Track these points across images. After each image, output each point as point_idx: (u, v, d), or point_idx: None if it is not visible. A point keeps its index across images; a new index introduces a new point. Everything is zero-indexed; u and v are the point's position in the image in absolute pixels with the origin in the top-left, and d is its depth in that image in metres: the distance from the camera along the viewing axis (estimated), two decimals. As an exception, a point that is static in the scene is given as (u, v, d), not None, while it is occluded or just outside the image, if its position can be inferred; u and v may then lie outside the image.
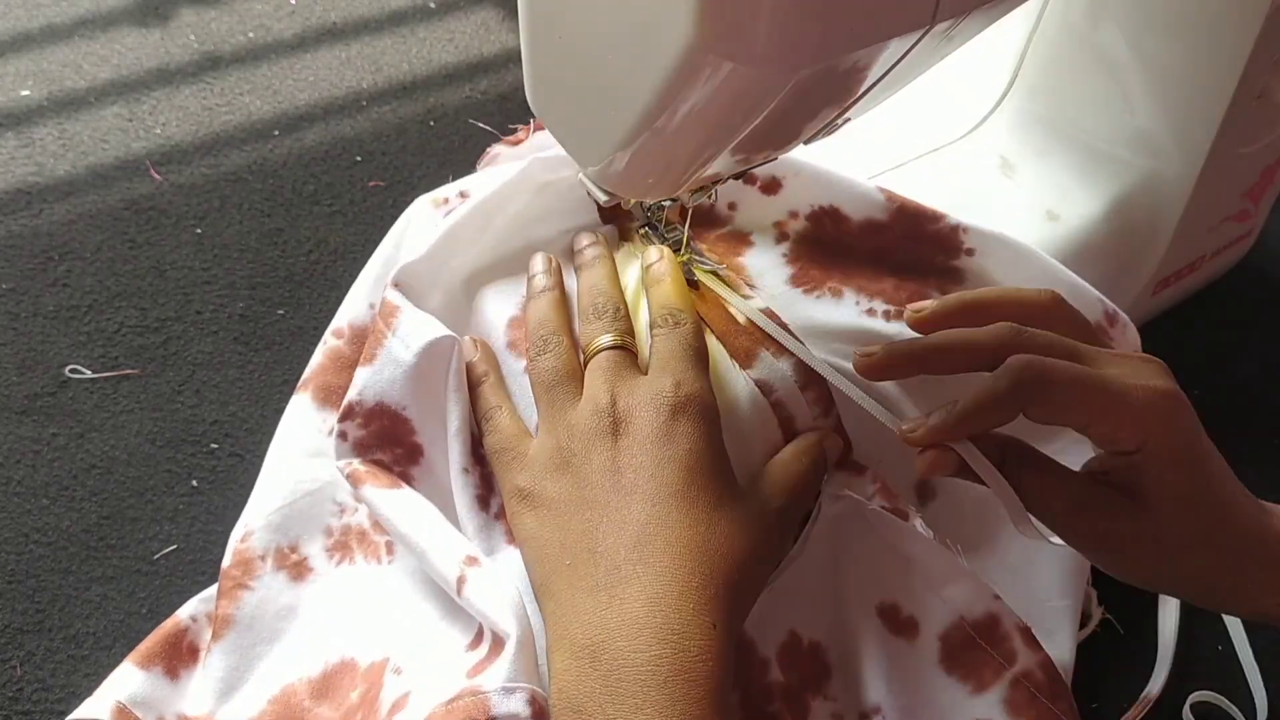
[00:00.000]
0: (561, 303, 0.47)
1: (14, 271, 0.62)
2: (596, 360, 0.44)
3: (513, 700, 0.37)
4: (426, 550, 0.43)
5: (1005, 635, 0.43)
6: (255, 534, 0.46)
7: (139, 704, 0.42)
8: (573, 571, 0.39)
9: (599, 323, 0.45)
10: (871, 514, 0.45)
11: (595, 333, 0.45)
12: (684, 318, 0.45)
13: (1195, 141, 0.56)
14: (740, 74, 0.34)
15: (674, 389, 0.42)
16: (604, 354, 0.44)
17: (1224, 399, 0.58)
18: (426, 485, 0.46)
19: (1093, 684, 0.50)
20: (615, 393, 0.42)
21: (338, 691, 0.43)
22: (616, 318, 0.45)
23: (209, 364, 0.59)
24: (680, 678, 0.35)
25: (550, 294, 0.47)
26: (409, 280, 0.48)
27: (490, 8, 0.84)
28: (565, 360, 0.44)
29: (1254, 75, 0.54)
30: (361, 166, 0.70)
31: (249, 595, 0.45)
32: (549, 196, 0.51)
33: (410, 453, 0.46)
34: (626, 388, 0.42)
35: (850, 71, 0.36)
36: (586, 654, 0.37)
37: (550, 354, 0.44)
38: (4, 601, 0.49)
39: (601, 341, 0.44)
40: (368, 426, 0.46)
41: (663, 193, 0.47)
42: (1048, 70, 0.60)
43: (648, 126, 0.37)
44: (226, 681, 0.43)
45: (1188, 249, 0.62)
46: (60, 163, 0.68)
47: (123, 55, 0.76)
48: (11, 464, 0.54)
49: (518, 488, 0.42)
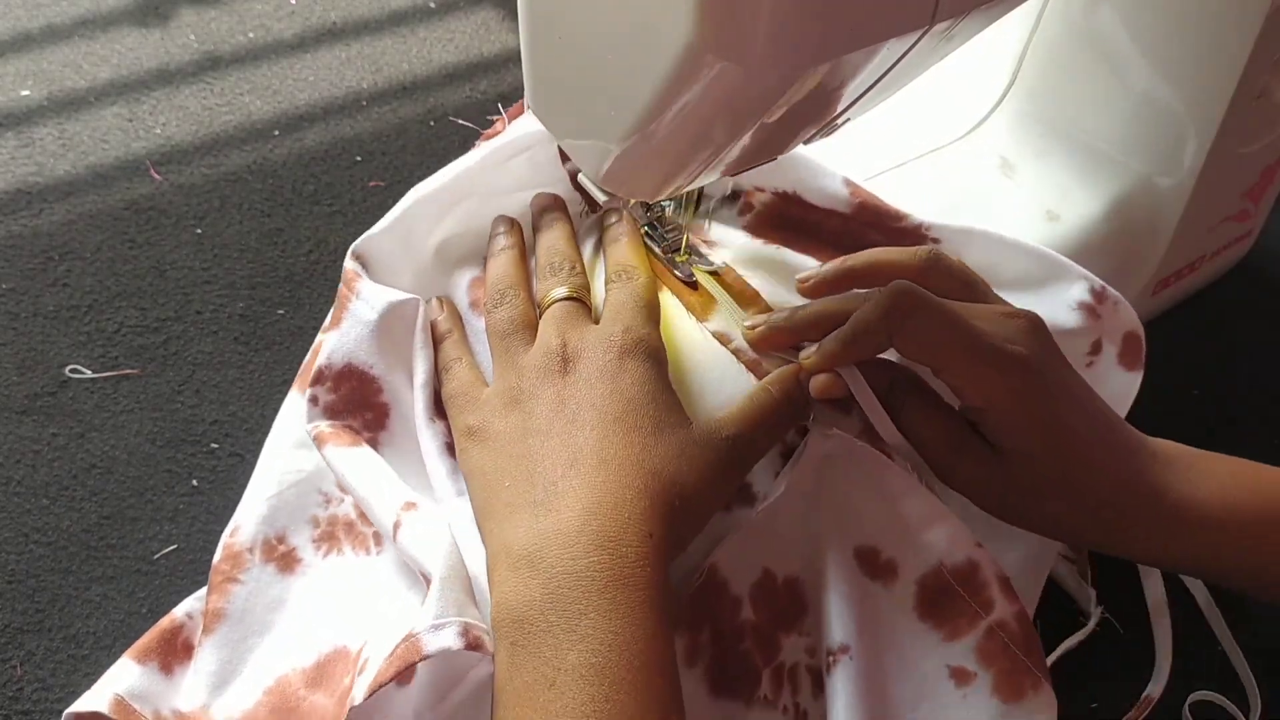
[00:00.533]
0: (520, 260, 0.48)
1: (14, 271, 0.62)
2: (550, 310, 0.45)
3: (443, 635, 0.38)
4: (368, 499, 0.43)
5: (984, 584, 0.43)
6: (242, 528, 0.46)
7: (136, 697, 0.42)
8: (511, 491, 0.40)
9: (554, 278, 0.47)
10: (860, 450, 0.44)
11: (550, 287, 0.46)
12: (637, 273, 0.47)
13: (1195, 141, 0.56)
14: (740, 74, 0.34)
15: (623, 333, 0.43)
16: (557, 304, 0.45)
17: (1224, 399, 0.58)
18: (394, 447, 0.47)
19: (1093, 684, 0.50)
20: (565, 337, 0.43)
21: (331, 679, 0.43)
22: (571, 273, 0.47)
23: (209, 364, 0.59)
24: (619, 583, 0.36)
25: (509, 251, 0.49)
26: (369, 251, 0.49)
27: (490, 8, 0.84)
28: (521, 311, 0.46)
29: (1254, 75, 0.54)
30: (361, 166, 0.70)
31: (239, 589, 0.45)
32: (520, 168, 0.52)
33: (378, 416, 0.47)
34: (577, 333, 0.44)
35: (850, 72, 0.36)
36: (525, 564, 0.37)
37: (506, 305, 0.46)
38: (4, 601, 0.49)
39: (556, 294, 0.45)
40: (337, 390, 0.46)
41: (662, 192, 0.47)
42: (1048, 70, 0.60)
43: (647, 127, 0.37)
44: (219, 675, 0.43)
45: (1188, 249, 0.62)
46: (60, 163, 0.68)
47: (123, 55, 0.76)
48: (11, 464, 0.54)
49: (467, 426, 0.43)
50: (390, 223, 0.50)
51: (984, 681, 0.42)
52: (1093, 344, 0.51)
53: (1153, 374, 0.49)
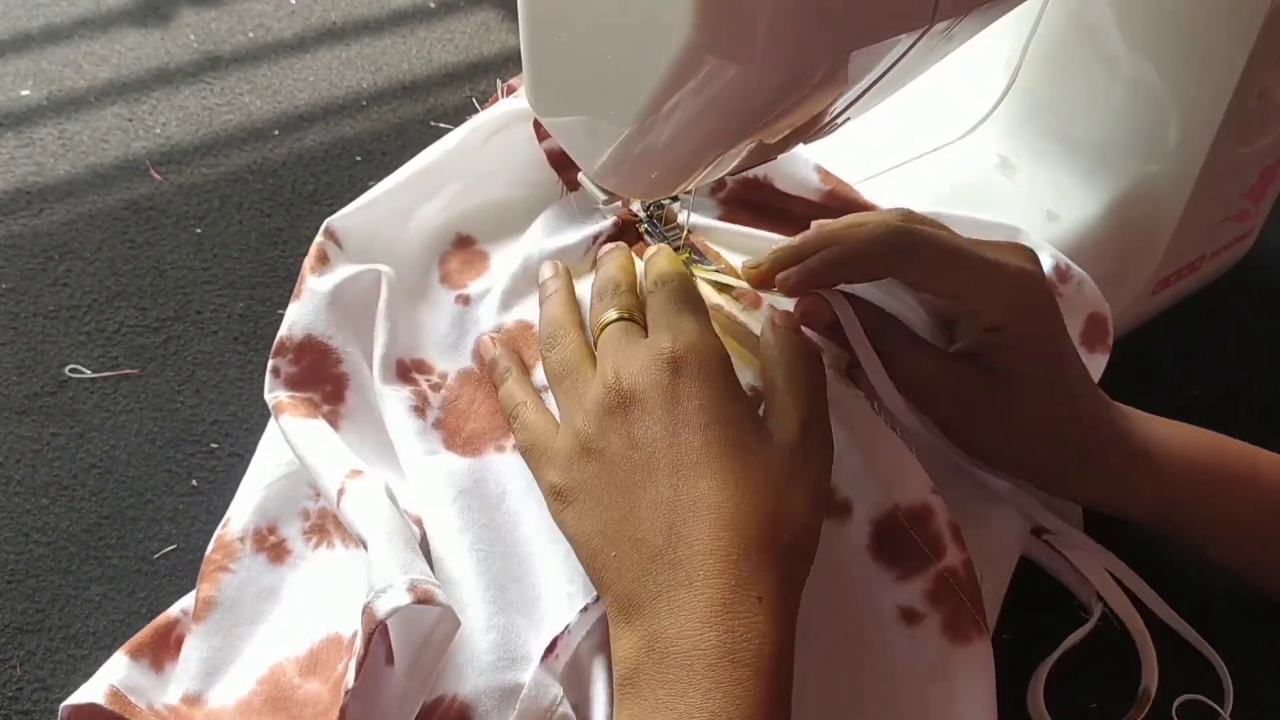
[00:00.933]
0: (570, 301, 0.47)
1: (14, 271, 0.62)
2: (604, 336, 0.44)
3: (390, 596, 0.38)
4: (317, 468, 0.43)
5: (937, 530, 0.43)
6: (234, 519, 0.46)
7: (131, 690, 0.42)
8: (620, 563, 0.38)
9: (602, 302, 0.45)
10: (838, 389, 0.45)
11: (600, 310, 0.45)
12: (671, 277, 0.45)
13: (1195, 141, 0.56)
14: (740, 74, 0.34)
15: (670, 343, 0.41)
16: (610, 328, 0.44)
17: (1224, 399, 0.58)
18: (351, 418, 0.47)
19: (1093, 684, 0.50)
20: (619, 366, 0.41)
21: (325, 666, 0.43)
22: (619, 293, 0.45)
23: (209, 364, 0.59)
24: (725, 660, 0.35)
25: (559, 294, 0.47)
26: (344, 229, 0.50)
27: (490, 8, 0.84)
28: (574, 350, 0.44)
29: (1254, 75, 0.54)
30: (361, 166, 0.70)
31: (229, 578, 0.45)
32: (498, 148, 0.52)
33: (337, 388, 0.47)
34: (628, 356, 0.41)
35: (849, 71, 0.36)
36: (643, 643, 0.37)
37: (559, 347, 0.44)
38: (4, 601, 0.49)
39: (606, 317, 0.44)
40: (298, 362, 0.47)
41: (662, 192, 0.47)
42: (1047, 70, 0.60)
43: (648, 127, 0.37)
44: (210, 662, 0.43)
45: (1188, 249, 0.62)
46: (60, 163, 0.68)
47: (123, 55, 0.76)
48: (11, 464, 0.54)
49: (551, 485, 0.42)
50: (368, 202, 0.51)
51: (933, 623, 0.43)
52: None
53: (1153, 374, 0.49)
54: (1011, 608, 0.48)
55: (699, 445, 0.39)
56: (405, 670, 0.40)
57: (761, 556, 0.37)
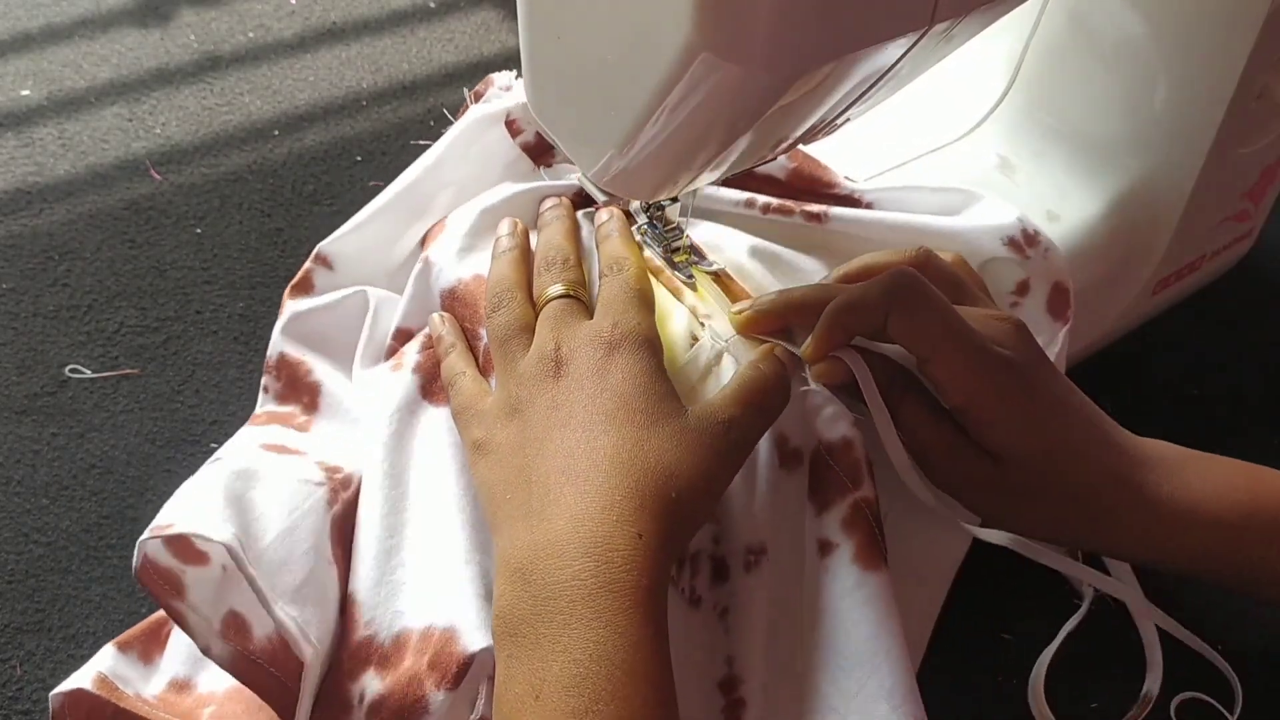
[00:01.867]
0: (520, 261, 0.48)
1: (14, 271, 0.62)
2: (546, 309, 0.45)
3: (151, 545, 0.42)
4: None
5: (856, 460, 0.44)
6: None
7: (118, 678, 0.43)
8: (510, 502, 0.40)
9: (549, 274, 0.46)
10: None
11: (546, 283, 0.46)
12: (627, 264, 0.46)
13: (1195, 141, 0.56)
14: (739, 75, 0.34)
15: (611, 328, 0.43)
16: (553, 303, 0.45)
17: (1224, 399, 0.58)
18: (327, 418, 0.49)
19: (1093, 684, 0.50)
20: (559, 338, 0.43)
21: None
22: (566, 268, 0.46)
23: (209, 364, 0.59)
24: (604, 590, 0.36)
25: (510, 253, 0.48)
26: (335, 253, 0.51)
27: (490, 8, 0.84)
28: (518, 314, 0.45)
29: (1254, 75, 0.54)
30: (361, 166, 0.70)
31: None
32: (478, 154, 0.53)
33: (312, 396, 0.49)
34: (570, 332, 0.43)
35: (850, 72, 0.36)
36: (519, 577, 0.37)
37: (504, 309, 0.46)
38: (4, 601, 0.49)
39: (551, 291, 0.45)
40: (279, 379, 0.49)
41: (662, 193, 0.47)
42: (1047, 70, 0.60)
43: (646, 127, 0.37)
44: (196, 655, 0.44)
45: (1188, 249, 0.62)
46: (60, 163, 0.68)
47: (123, 55, 0.76)
48: (11, 464, 0.54)
49: (474, 440, 0.43)
50: (358, 224, 0.51)
51: (845, 550, 0.43)
52: (1019, 283, 0.52)
53: (1153, 374, 0.49)
54: (1011, 607, 0.48)
55: (612, 408, 0.40)
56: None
57: (646, 501, 0.38)
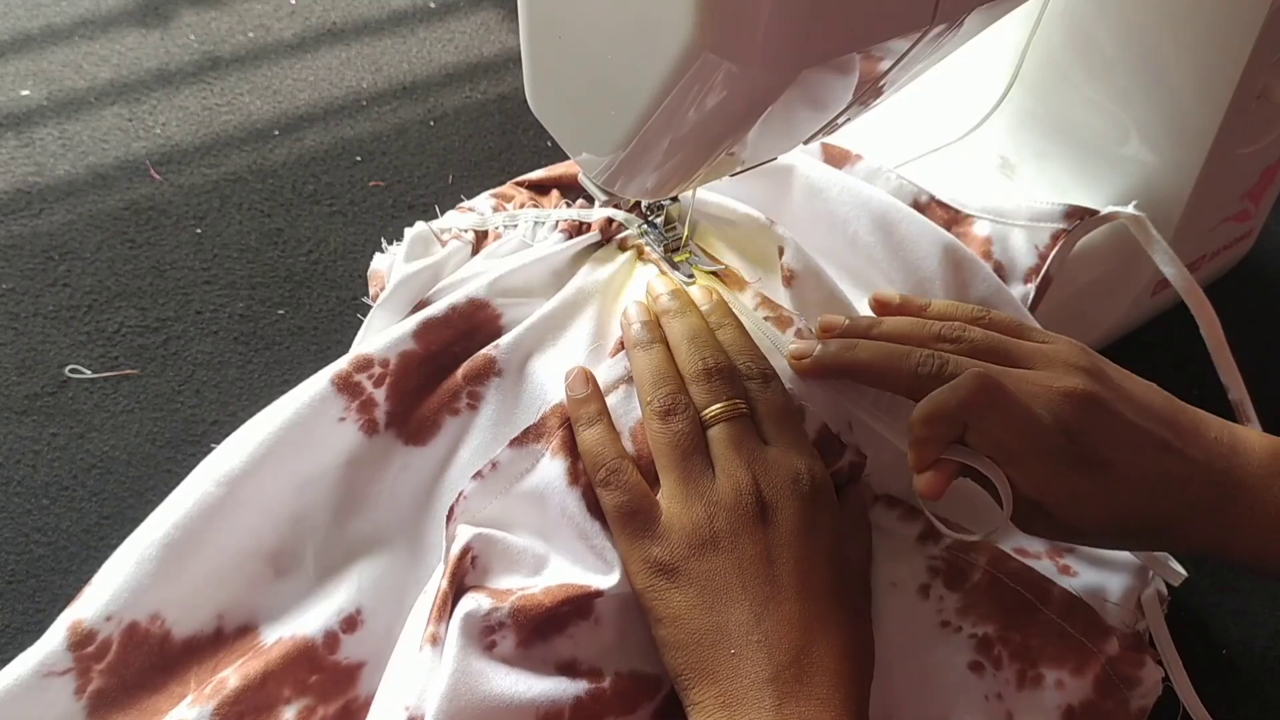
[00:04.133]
0: (670, 358, 0.46)
1: (14, 271, 0.62)
2: (723, 430, 0.44)
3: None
4: None
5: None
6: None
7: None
8: (739, 661, 0.40)
9: (710, 384, 0.45)
10: None
11: (711, 397, 0.44)
12: (769, 370, 0.46)
13: (1195, 141, 0.56)
14: (740, 74, 0.34)
15: (809, 475, 0.43)
16: (730, 425, 0.44)
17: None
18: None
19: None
20: (755, 473, 0.43)
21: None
22: (732, 382, 0.45)
23: (209, 364, 0.59)
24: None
25: (659, 347, 0.46)
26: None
27: (490, 8, 0.84)
28: (692, 424, 0.44)
29: (1254, 75, 0.54)
30: (361, 166, 0.70)
31: None
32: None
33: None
34: (763, 468, 0.43)
35: (850, 72, 0.36)
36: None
37: (679, 418, 0.44)
38: (4, 601, 0.49)
39: (718, 409, 0.44)
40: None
41: (662, 193, 0.47)
42: (1048, 70, 0.60)
43: (647, 126, 0.37)
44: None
45: (1188, 249, 0.62)
46: (60, 163, 0.68)
47: (123, 55, 0.76)
48: (11, 464, 0.54)
49: (655, 560, 0.42)
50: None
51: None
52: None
53: (1153, 374, 0.49)
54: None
55: (828, 580, 0.42)
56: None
57: (865, 683, 0.41)
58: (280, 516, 0.45)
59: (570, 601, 0.41)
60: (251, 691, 0.41)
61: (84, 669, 0.42)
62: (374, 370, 0.47)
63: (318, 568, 0.45)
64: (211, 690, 0.41)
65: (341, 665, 0.43)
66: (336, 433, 0.46)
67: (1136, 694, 0.45)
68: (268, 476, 0.45)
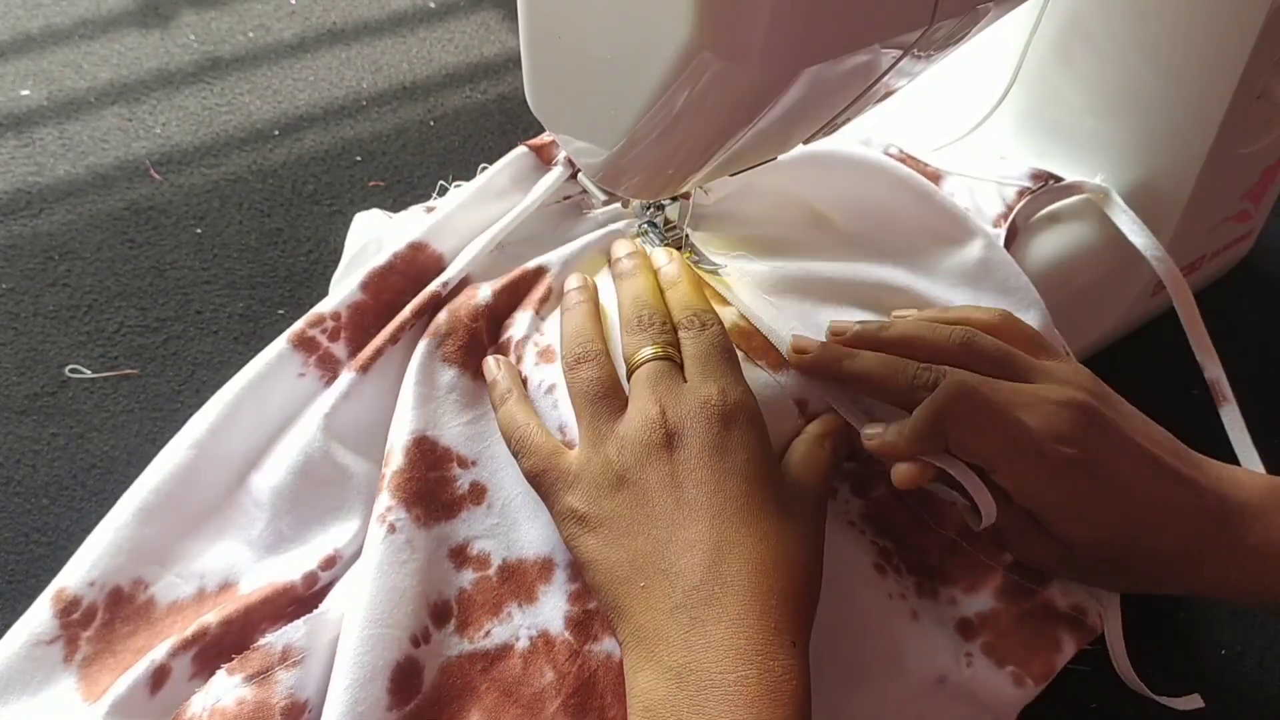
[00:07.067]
0: (596, 316, 0.47)
1: (14, 271, 0.62)
2: (642, 371, 0.44)
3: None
4: None
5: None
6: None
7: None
8: (648, 593, 0.39)
9: (642, 334, 0.45)
10: None
11: (639, 344, 0.44)
12: (709, 318, 0.45)
13: (1195, 141, 0.56)
14: (739, 74, 0.34)
15: (721, 396, 0.42)
16: (649, 365, 0.43)
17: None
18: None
19: (1094, 684, 0.50)
20: (663, 404, 0.42)
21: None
22: (662, 329, 0.45)
23: (209, 364, 0.59)
24: (766, 698, 0.36)
25: (585, 306, 0.47)
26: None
27: (490, 8, 0.84)
28: (605, 371, 0.44)
29: (1254, 75, 0.54)
30: (361, 166, 0.70)
31: None
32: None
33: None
34: (673, 398, 0.42)
35: (849, 71, 0.36)
36: (673, 675, 0.37)
37: (590, 365, 0.44)
38: (4, 601, 0.49)
39: (645, 353, 0.44)
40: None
41: (662, 192, 0.47)
42: (1048, 70, 0.60)
43: (647, 126, 0.37)
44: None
45: (1188, 249, 0.62)
46: (60, 163, 0.68)
47: (123, 55, 0.76)
48: (11, 464, 0.54)
49: (571, 509, 0.42)
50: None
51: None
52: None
53: (1153, 374, 0.49)
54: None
55: (741, 495, 0.40)
56: None
57: (793, 604, 0.39)
58: (255, 476, 0.47)
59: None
60: (234, 629, 0.42)
61: (72, 636, 0.43)
62: (326, 324, 0.49)
63: (292, 519, 0.46)
64: (194, 634, 0.42)
65: (318, 591, 0.45)
66: (298, 388, 0.48)
67: (1055, 591, 0.46)
68: (235, 437, 0.47)
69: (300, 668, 0.41)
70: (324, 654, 0.41)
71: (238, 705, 0.40)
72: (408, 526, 0.43)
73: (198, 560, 0.45)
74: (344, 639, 0.41)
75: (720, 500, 0.40)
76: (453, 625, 0.43)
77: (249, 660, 0.41)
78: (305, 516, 0.46)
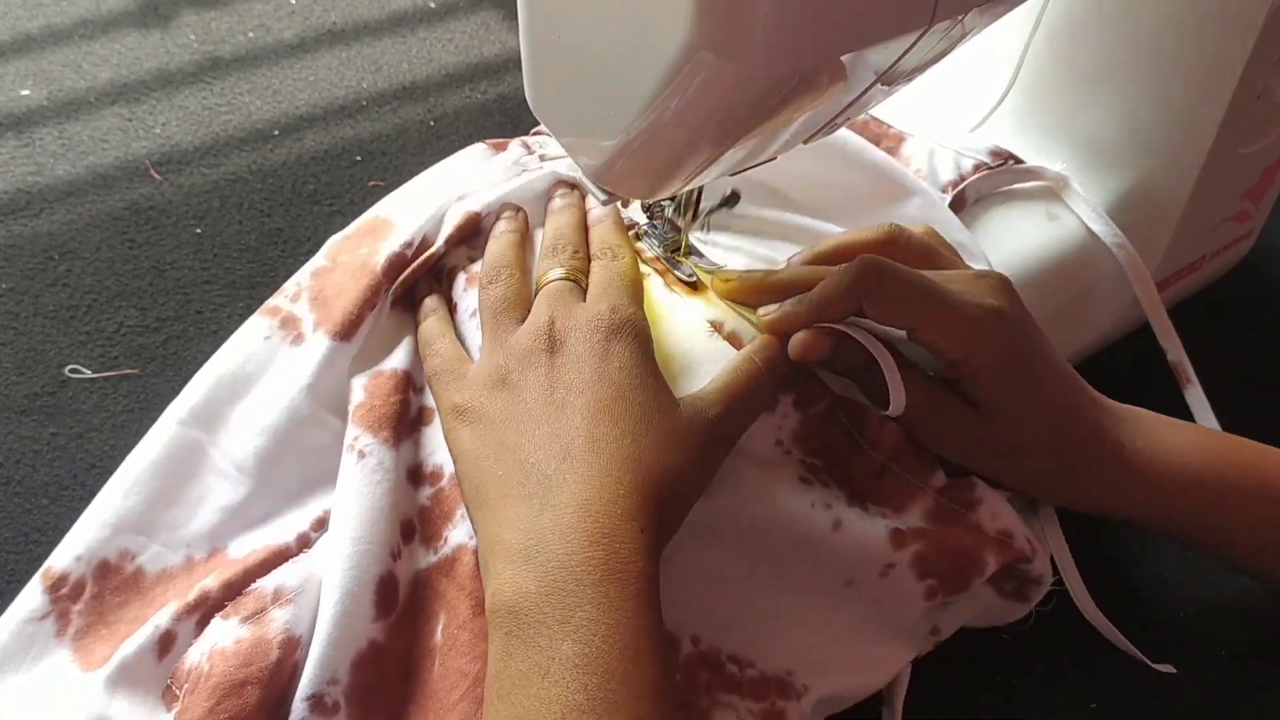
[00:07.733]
0: (519, 244, 0.50)
1: (14, 271, 0.62)
2: (544, 289, 0.46)
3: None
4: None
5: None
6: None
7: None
8: (504, 481, 0.41)
9: (553, 259, 0.48)
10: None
11: (548, 267, 0.47)
12: (621, 252, 0.48)
13: (1195, 141, 0.56)
14: (738, 74, 0.34)
15: (609, 313, 0.44)
16: (552, 284, 0.46)
17: (1224, 399, 0.58)
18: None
19: (1094, 684, 0.50)
20: (554, 315, 0.44)
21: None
22: (572, 255, 0.48)
23: (209, 364, 0.59)
24: (613, 578, 0.37)
25: (509, 235, 0.50)
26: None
27: (490, 8, 0.84)
28: (513, 289, 0.47)
29: (1254, 75, 0.54)
30: (361, 166, 0.70)
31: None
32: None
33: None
34: (565, 311, 0.44)
35: (848, 72, 0.36)
36: (520, 557, 0.38)
37: (500, 283, 0.47)
38: (4, 602, 0.49)
39: (552, 274, 0.47)
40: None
41: (662, 192, 0.47)
42: (1048, 70, 0.60)
43: (646, 126, 0.37)
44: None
45: (1188, 249, 0.62)
46: (60, 163, 0.68)
47: (123, 55, 0.76)
48: (11, 464, 0.54)
49: (454, 405, 0.44)
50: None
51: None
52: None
53: (1153, 375, 0.49)
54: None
55: (612, 398, 0.41)
56: None
57: (647, 498, 0.40)
58: (232, 442, 0.47)
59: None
60: (234, 593, 0.43)
61: (62, 611, 0.44)
62: (290, 291, 0.51)
63: (280, 484, 0.47)
64: (195, 599, 0.43)
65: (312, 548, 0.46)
66: (264, 350, 0.49)
67: (984, 515, 0.46)
68: (213, 407, 0.48)
69: (293, 605, 0.42)
70: (315, 592, 0.43)
71: (235, 644, 0.41)
72: (377, 449, 0.45)
73: (183, 529, 0.46)
74: (331, 560, 0.42)
75: (585, 401, 0.41)
76: (417, 539, 0.45)
77: (242, 604, 0.42)
78: (295, 481, 0.47)
